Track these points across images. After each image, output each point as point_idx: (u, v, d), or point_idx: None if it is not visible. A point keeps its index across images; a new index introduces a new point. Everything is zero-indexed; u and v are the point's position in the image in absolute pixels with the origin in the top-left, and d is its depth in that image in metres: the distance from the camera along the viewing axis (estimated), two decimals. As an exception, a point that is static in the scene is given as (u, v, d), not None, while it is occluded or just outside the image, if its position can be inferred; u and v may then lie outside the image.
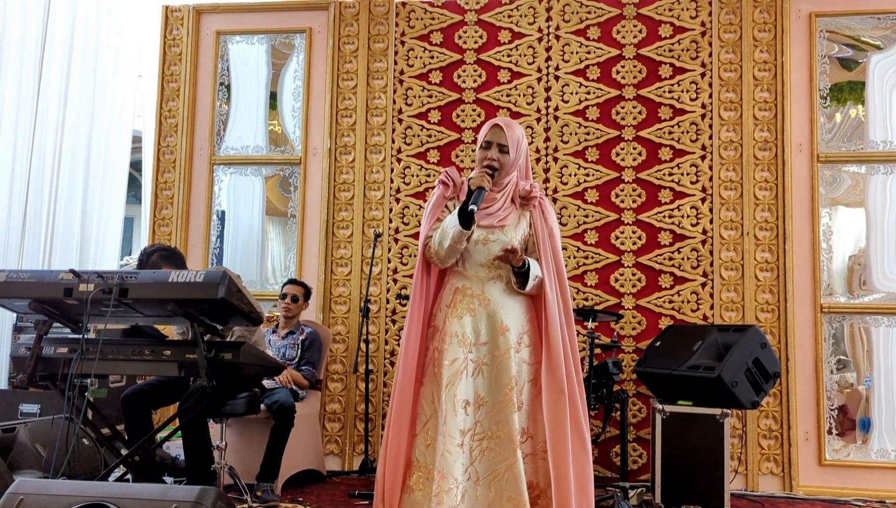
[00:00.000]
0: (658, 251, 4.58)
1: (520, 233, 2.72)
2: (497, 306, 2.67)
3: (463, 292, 2.72)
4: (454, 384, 2.60)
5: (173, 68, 5.17)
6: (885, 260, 4.44)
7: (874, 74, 4.55)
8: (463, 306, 2.69)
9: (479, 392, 2.61)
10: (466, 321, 2.67)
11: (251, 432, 4.04)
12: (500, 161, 2.67)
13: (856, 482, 4.27)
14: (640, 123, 4.67)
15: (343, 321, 4.84)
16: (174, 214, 5.07)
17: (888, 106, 4.51)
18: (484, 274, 2.71)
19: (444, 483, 2.51)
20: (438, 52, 4.93)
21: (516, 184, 2.75)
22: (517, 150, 2.70)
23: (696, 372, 3.81)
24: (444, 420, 2.56)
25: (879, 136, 4.51)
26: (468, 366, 2.63)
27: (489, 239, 2.69)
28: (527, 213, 2.74)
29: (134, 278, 2.83)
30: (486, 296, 2.68)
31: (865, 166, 4.50)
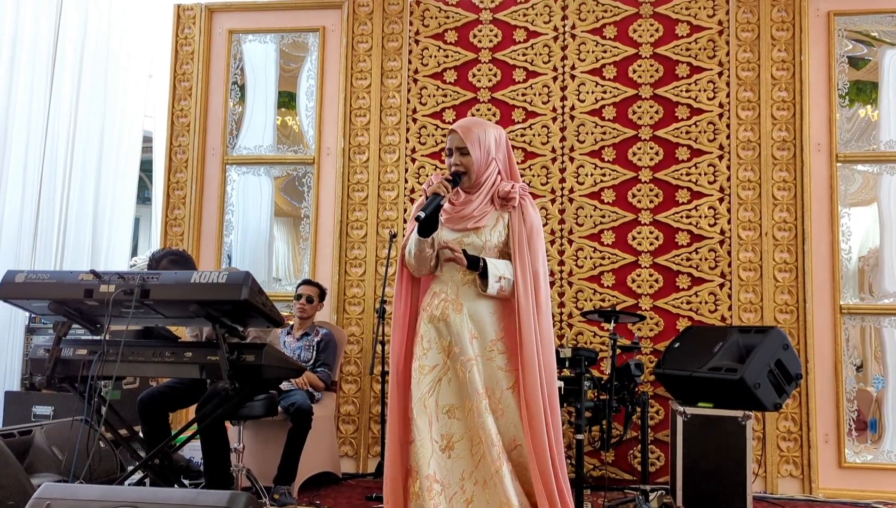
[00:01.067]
0: (675, 252, 4.55)
1: (496, 235, 2.64)
2: (469, 311, 2.62)
3: (438, 296, 2.68)
4: (435, 389, 2.59)
5: (185, 67, 5.14)
6: (879, 263, 4.41)
7: (889, 70, 4.51)
8: (438, 310, 2.65)
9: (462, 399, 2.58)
10: (441, 325, 2.63)
11: (267, 434, 4.01)
12: (463, 164, 2.62)
13: (876, 484, 4.24)
14: (656, 123, 4.64)
15: (357, 322, 4.81)
16: (186, 214, 5.03)
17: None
18: (459, 278, 2.65)
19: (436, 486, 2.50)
20: (453, 51, 4.89)
21: (496, 183, 2.67)
22: (480, 148, 2.62)
23: (718, 374, 3.77)
24: (430, 426, 2.54)
25: (894, 134, 4.47)
26: (449, 372, 2.61)
27: (463, 242, 2.63)
28: (506, 214, 2.66)
29: (155, 279, 2.79)
30: (459, 301, 2.63)
31: (878, 166, 4.45)
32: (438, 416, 2.56)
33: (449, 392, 2.59)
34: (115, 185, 5.36)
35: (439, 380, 2.60)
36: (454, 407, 2.58)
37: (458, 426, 2.55)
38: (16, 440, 3.35)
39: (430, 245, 2.63)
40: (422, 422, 2.55)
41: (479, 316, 2.62)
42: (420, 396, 2.59)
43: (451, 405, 2.58)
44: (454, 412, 2.57)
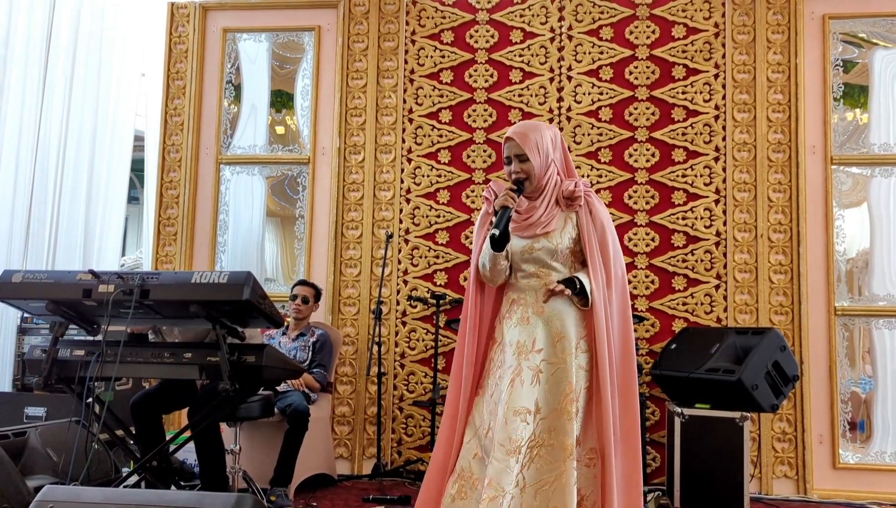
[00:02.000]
0: (671, 253, 4.56)
1: (566, 237, 2.61)
2: (552, 313, 2.59)
3: (517, 303, 2.66)
4: (507, 392, 2.54)
5: (179, 66, 5.10)
6: (891, 263, 4.43)
7: (879, 72, 4.54)
8: (517, 316, 2.63)
9: (537, 402, 2.53)
10: (521, 330, 2.60)
11: (263, 435, 3.98)
12: (524, 171, 2.59)
13: (870, 485, 4.27)
14: (653, 125, 4.65)
15: (352, 322, 4.79)
16: (179, 213, 4.99)
17: (892, 105, 4.51)
18: (535, 283, 2.64)
19: (490, 490, 2.43)
20: (449, 51, 4.88)
21: (558, 184, 2.65)
22: (539, 153, 2.59)
23: (715, 375, 3.78)
24: (497, 429, 2.50)
25: (883, 137, 4.50)
26: (524, 374, 2.55)
27: (534, 248, 2.62)
28: (573, 214, 2.63)
29: (155, 279, 2.76)
30: (539, 304, 2.61)
31: (869, 169, 4.49)
32: (508, 419, 2.48)
33: (521, 395, 2.52)
34: (107, 184, 5.31)
35: (512, 382, 2.54)
36: (527, 411, 2.50)
37: (528, 431, 2.49)
38: (10, 441, 3.30)
39: (504, 258, 2.62)
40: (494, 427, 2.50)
41: (561, 316, 2.58)
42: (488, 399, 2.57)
43: (524, 409, 2.50)
44: (526, 416, 2.50)
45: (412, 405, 4.68)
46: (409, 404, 4.68)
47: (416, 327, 4.73)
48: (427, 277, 4.76)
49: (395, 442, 4.67)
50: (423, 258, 4.78)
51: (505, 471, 2.42)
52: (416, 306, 4.72)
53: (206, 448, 3.32)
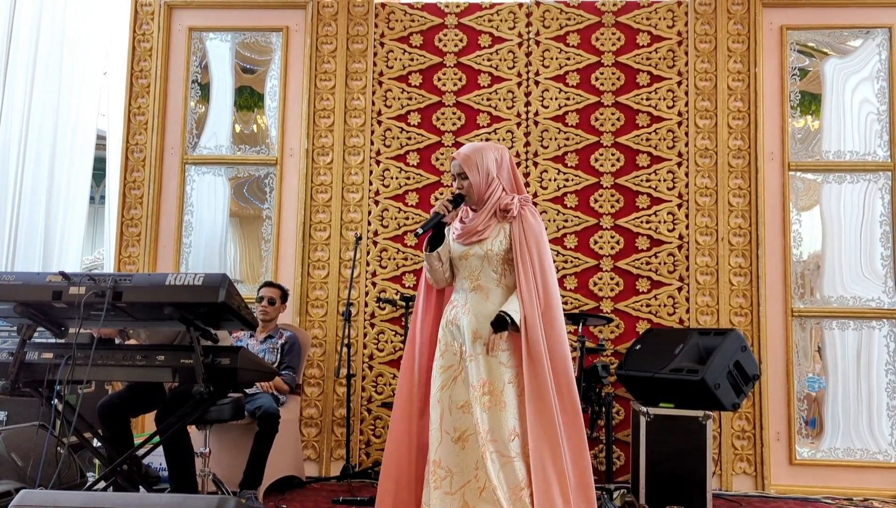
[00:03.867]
0: (636, 256, 4.66)
1: (497, 243, 2.84)
2: (474, 314, 2.82)
3: (453, 304, 2.93)
4: (449, 386, 2.82)
5: (143, 64, 5.03)
6: (842, 267, 4.59)
7: (831, 80, 4.71)
8: (451, 315, 2.90)
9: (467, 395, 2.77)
10: (454, 329, 2.87)
11: (232, 438, 3.96)
12: (465, 188, 2.87)
13: (824, 480, 4.42)
14: (618, 130, 4.75)
15: (320, 324, 4.78)
16: (143, 214, 4.92)
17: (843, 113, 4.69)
18: (467, 285, 2.89)
19: (440, 470, 2.73)
20: (418, 54, 4.91)
21: (498, 199, 2.88)
22: (479, 171, 2.85)
23: (679, 375, 3.88)
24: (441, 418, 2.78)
25: (834, 144, 4.67)
26: (462, 371, 2.81)
27: (469, 254, 2.87)
28: (507, 225, 2.87)
29: (128, 281, 2.74)
30: (467, 306, 2.85)
31: (822, 175, 4.65)
32: (452, 410, 2.77)
33: (462, 390, 2.78)
34: (69, 184, 5.21)
35: (454, 378, 2.82)
36: (467, 403, 2.76)
37: (471, 420, 2.72)
38: (-28, 447, 3.23)
39: (437, 259, 2.89)
40: (434, 414, 2.80)
41: (483, 317, 2.81)
42: (435, 392, 2.83)
43: (466, 402, 2.76)
44: (467, 407, 2.76)
45: (381, 406, 4.69)
46: (378, 405, 4.70)
47: (384, 328, 4.75)
48: (395, 279, 4.78)
49: (364, 444, 4.68)
50: (392, 260, 4.79)
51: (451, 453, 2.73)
52: (384, 307, 4.73)
53: (176, 452, 3.29)
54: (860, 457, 4.44)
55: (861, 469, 4.42)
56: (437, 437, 2.76)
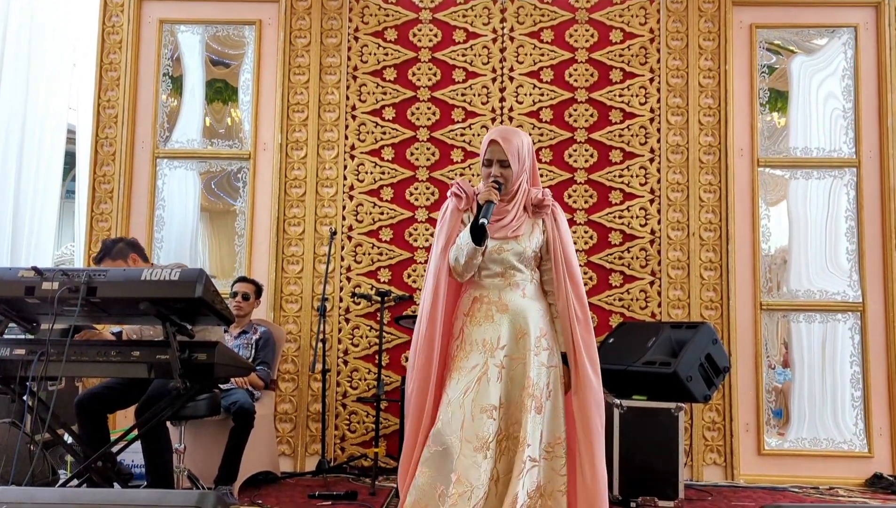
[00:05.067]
0: (609, 251, 4.71)
1: (534, 241, 2.73)
2: (515, 310, 2.68)
3: (480, 301, 2.73)
4: (473, 389, 2.60)
5: (112, 57, 4.95)
6: (808, 261, 4.69)
7: (797, 77, 4.80)
8: (481, 314, 2.70)
9: (500, 397, 2.62)
10: (486, 327, 2.67)
11: (207, 433, 3.92)
12: (503, 176, 2.68)
13: (792, 469, 4.52)
14: (591, 126, 4.79)
15: (294, 319, 4.76)
16: (114, 208, 4.86)
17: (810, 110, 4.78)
18: (500, 282, 2.72)
19: (460, 486, 2.49)
20: (393, 48, 4.90)
21: (527, 192, 2.76)
22: (518, 160, 2.70)
23: (652, 368, 3.94)
24: (462, 426, 2.55)
25: (801, 140, 4.77)
26: (490, 371, 2.62)
27: (503, 249, 2.71)
28: (539, 221, 2.76)
29: (103, 276, 2.71)
30: (503, 302, 2.69)
31: (789, 171, 4.74)
32: (475, 416, 2.56)
33: (488, 392, 2.59)
34: (37, 178, 5.10)
35: (479, 379, 2.60)
36: (493, 407, 2.57)
37: (495, 427, 2.56)
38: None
39: (482, 253, 2.68)
40: (455, 422, 2.55)
41: (524, 314, 2.68)
42: (456, 395, 2.59)
43: (490, 405, 2.57)
44: (493, 412, 2.57)
45: (356, 401, 4.69)
46: (353, 400, 4.70)
47: (359, 324, 4.75)
48: (371, 274, 4.78)
49: (339, 439, 4.68)
50: (367, 255, 4.79)
51: (472, 467, 2.48)
52: (359, 302, 4.73)
53: (154, 447, 3.26)
54: (826, 447, 4.55)
55: (827, 458, 4.53)
56: (457, 447, 2.51)
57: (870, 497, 4.21)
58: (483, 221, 2.55)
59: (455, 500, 2.45)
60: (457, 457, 2.51)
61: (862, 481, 4.45)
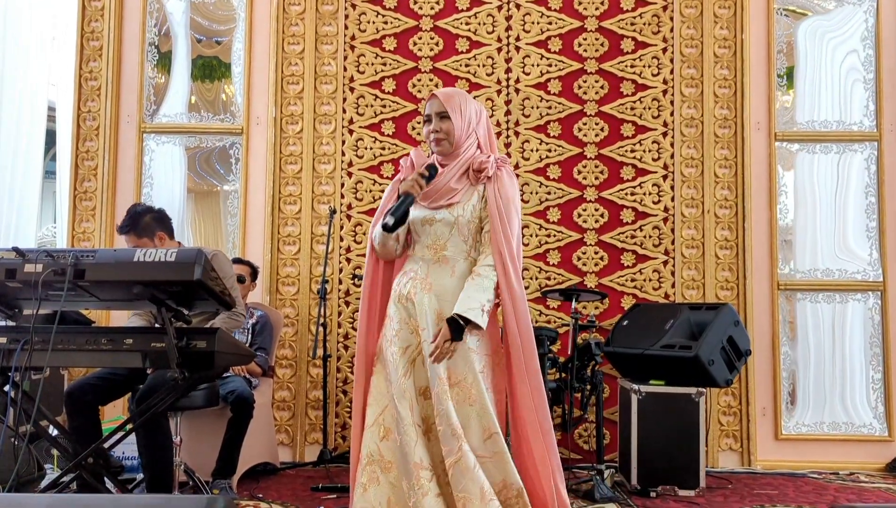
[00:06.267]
0: (620, 229, 4.51)
1: (469, 210, 2.49)
2: (439, 292, 2.48)
3: (407, 275, 2.56)
4: (411, 370, 2.47)
5: (94, 25, 4.66)
6: (826, 239, 4.51)
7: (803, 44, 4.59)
8: (406, 289, 2.53)
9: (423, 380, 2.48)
10: (409, 305, 2.51)
11: (203, 425, 3.70)
12: (444, 130, 2.49)
13: (810, 454, 4.37)
14: (602, 98, 4.57)
15: (292, 303, 4.54)
16: (98, 186, 4.59)
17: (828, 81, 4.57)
18: (429, 256, 2.53)
19: (424, 473, 2.38)
20: (392, 16, 4.65)
21: (472, 157, 2.53)
22: (461, 116, 2.49)
23: (671, 352, 3.76)
24: (410, 411, 2.42)
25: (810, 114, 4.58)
26: (423, 351, 2.46)
27: (434, 219, 2.51)
28: (481, 187, 2.52)
29: (91, 258, 2.46)
30: (428, 280, 2.50)
31: (798, 144, 4.55)
32: (417, 399, 2.44)
33: (422, 373, 2.46)
34: (15, 157, 4.80)
35: (413, 361, 2.48)
36: (428, 389, 2.44)
37: (431, 408, 2.43)
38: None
39: (394, 239, 2.55)
40: (403, 408, 2.41)
41: (447, 296, 2.47)
42: (396, 381, 2.45)
43: (426, 387, 2.45)
44: (428, 393, 2.44)
45: (357, 387, 4.48)
46: (354, 387, 4.48)
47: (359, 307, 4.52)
48: (371, 254, 4.55)
49: (340, 427, 4.48)
50: (367, 235, 4.55)
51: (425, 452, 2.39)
52: (359, 285, 4.50)
53: (152, 442, 3.03)
54: (845, 431, 4.41)
55: (846, 442, 4.38)
56: (413, 435, 2.39)
57: (893, 482, 4.07)
58: (388, 219, 2.38)
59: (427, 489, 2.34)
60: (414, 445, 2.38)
61: (882, 465, 4.31)
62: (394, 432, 2.45)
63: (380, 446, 2.46)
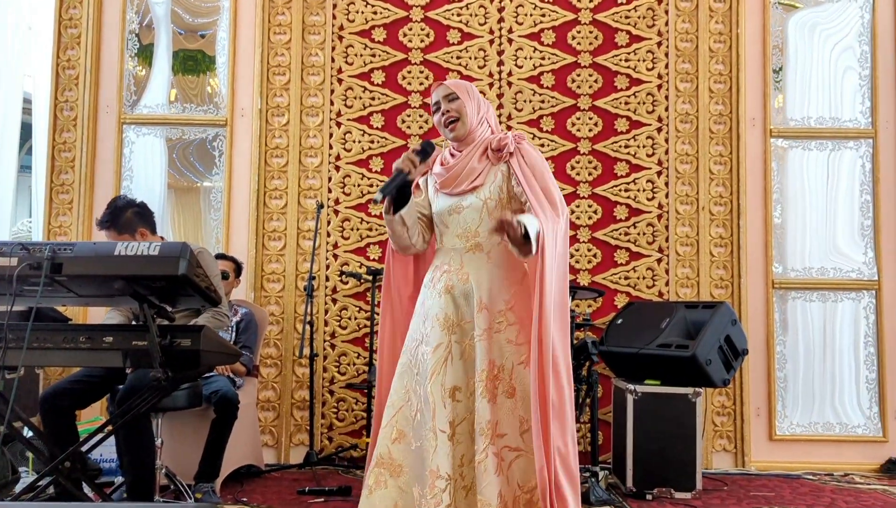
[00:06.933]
0: (614, 226, 4.43)
1: (496, 190, 2.38)
2: (474, 281, 2.36)
3: (440, 269, 2.44)
4: (440, 371, 2.33)
5: (72, 12, 4.50)
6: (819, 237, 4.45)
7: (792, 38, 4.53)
8: (441, 284, 2.41)
9: (459, 379, 2.35)
10: (446, 300, 2.38)
11: (185, 426, 3.56)
12: (456, 109, 2.40)
13: (804, 455, 4.31)
14: (595, 92, 4.48)
15: (277, 300, 4.40)
16: (76, 179, 4.43)
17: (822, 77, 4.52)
18: (460, 245, 2.41)
19: (439, 482, 2.25)
20: (382, 7, 4.53)
21: (487, 139, 2.44)
22: (469, 97, 2.42)
23: (668, 351, 3.68)
24: (434, 414, 2.28)
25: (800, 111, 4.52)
26: (452, 350, 2.35)
27: (462, 206, 2.40)
28: (504, 165, 2.41)
29: (69, 251, 2.33)
30: (463, 271, 2.39)
31: (788, 141, 4.48)
32: (445, 402, 2.30)
33: (453, 373, 2.33)
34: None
35: (444, 360, 2.34)
36: (457, 389, 2.32)
37: (461, 409, 2.31)
38: None
39: (400, 223, 2.41)
40: (426, 412, 2.29)
41: (486, 285, 2.36)
42: (424, 381, 2.33)
43: (455, 387, 2.33)
44: (456, 393, 2.32)
45: (344, 387, 4.36)
46: (341, 386, 4.37)
47: (347, 304, 4.41)
48: (359, 250, 4.43)
49: (326, 428, 4.36)
50: (355, 231, 4.44)
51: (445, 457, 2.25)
52: (347, 282, 4.39)
53: (134, 445, 2.89)
54: (839, 431, 4.35)
55: (840, 443, 4.33)
56: (432, 441, 2.25)
57: (887, 483, 4.02)
58: (377, 195, 2.26)
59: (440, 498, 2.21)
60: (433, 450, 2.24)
61: (877, 466, 4.27)
62: (408, 435, 2.35)
63: (391, 448, 2.35)
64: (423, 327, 2.40)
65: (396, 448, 2.35)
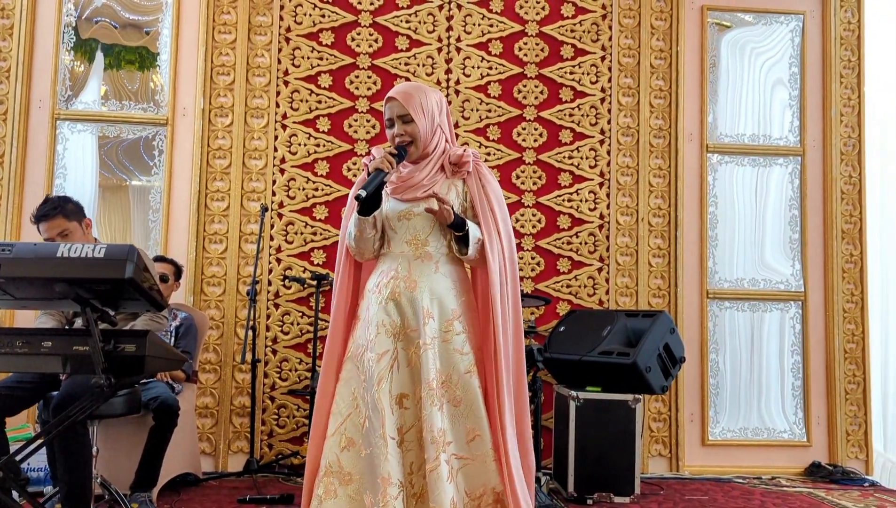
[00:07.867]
0: (557, 235, 4.51)
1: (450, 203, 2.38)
2: (422, 289, 2.36)
3: (387, 275, 2.42)
4: (387, 378, 2.32)
5: (5, 2, 4.32)
6: (750, 249, 4.63)
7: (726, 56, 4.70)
8: (388, 290, 2.39)
9: (406, 386, 2.35)
10: (391, 307, 2.37)
11: (121, 433, 3.45)
12: (409, 133, 2.38)
13: (735, 459, 4.47)
14: (541, 103, 4.56)
15: (217, 304, 4.31)
16: (5, 175, 4.25)
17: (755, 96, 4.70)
18: (410, 252, 2.40)
19: (392, 489, 2.23)
20: (330, 10, 4.50)
21: (444, 151, 2.44)
22: (424, 115, 2.39)
23: (609, 358, 3.77)
24: (383, 421, 2.27)
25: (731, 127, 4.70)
26: (399, 357, 2.35)
27: (413, 213, 2.39)
28: (459, 181, 2.43)
29: (8, 252, 2.23)
30: (411, 278, 2.38)
31: (722, 157, 4.66)
32: (393, 408, 2.28)
33: (400, 380, 2.32)
34: None
35: (391, 367, 2.32)
36: (404, 396, 2.31)
37: (409, 416, 2.30)
38: None
39: (372, 225, 2.38)
40: (375, 419, 2.26)
41: (435, 293, 2.36)
42: (371, 389, 2.30)
43: (402, 394, 2.31)
44: (404, 401, 2.31)
45: (286, 394, 4.30)
46: (283, 393, 4.31)
47: (290, 309, 4.35)
48: (303, 255, 4.38)
49: (267, 435, 4.28)
50: (299, 235, 4.39)
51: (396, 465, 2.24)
52: (290, 286, 4.33)
53: (70, 454, 2.78)
54: (767, 436, 4.53)
55: (768, 447, 4.51)
56: (382, 448, 2.23)
57: (811, 486, 4.20)
58: (361, 191, 2.22)
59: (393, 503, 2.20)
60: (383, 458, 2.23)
61: (801, 470, 4.46)
62: (357, 443, 2.31)
63: (339, 457, 2.31)
64: (368, 333, 2.37)
65: (346, 456, 2.31)
